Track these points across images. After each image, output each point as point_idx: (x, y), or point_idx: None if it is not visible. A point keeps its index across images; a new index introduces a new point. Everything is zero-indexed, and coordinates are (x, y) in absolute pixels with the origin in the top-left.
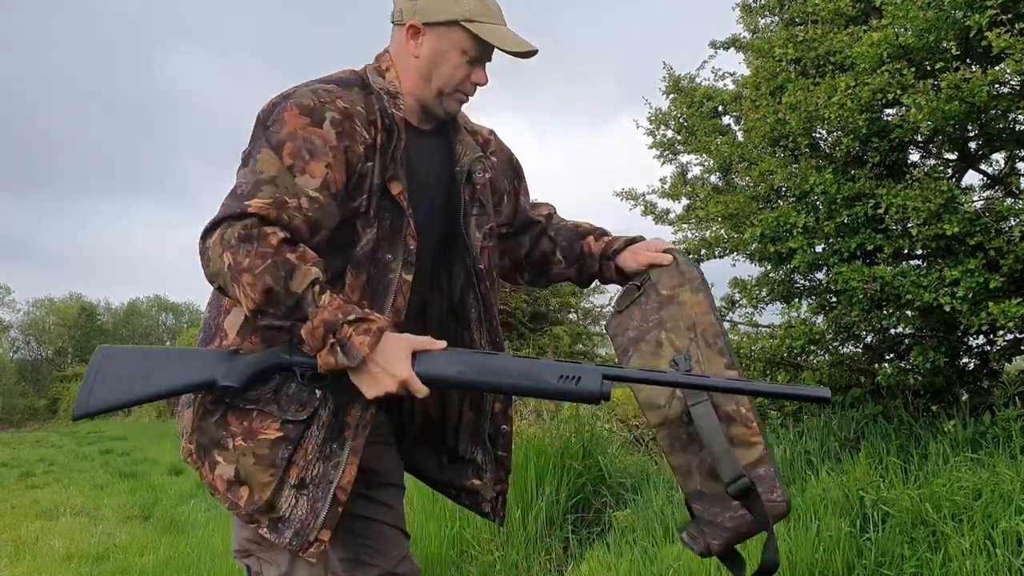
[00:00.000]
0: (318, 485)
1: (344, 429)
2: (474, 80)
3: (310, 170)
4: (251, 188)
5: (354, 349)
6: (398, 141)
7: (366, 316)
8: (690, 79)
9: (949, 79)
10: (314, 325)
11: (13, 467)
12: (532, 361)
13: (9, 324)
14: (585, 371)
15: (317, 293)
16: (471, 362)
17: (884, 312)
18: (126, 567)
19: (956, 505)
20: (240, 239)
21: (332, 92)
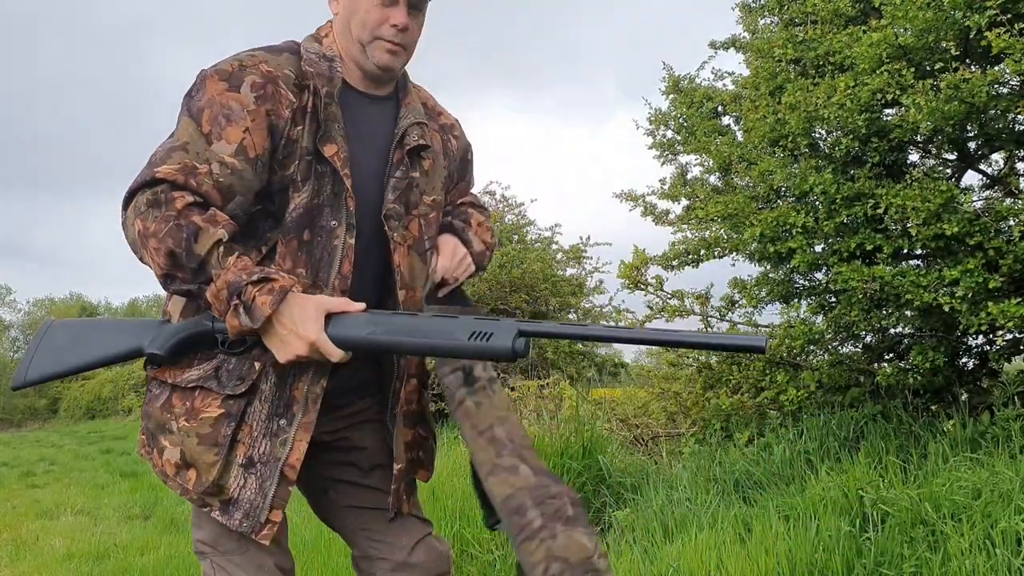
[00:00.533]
0: (265, 463)
1: (292, 404)
2: (391, 22)
3: (226, 135)
4: (163, 155)
5: (257, 310)
6: (329, 102)
7: (269, 276)
8: (690, 79)
9: (949, 79)
10: (218, 287)
11: (13, 467)
12: (446, 319)
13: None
14: (500, 327)
15: (222, 255)
16: (381, 322)
17: (884, 312)
18: (126, 567)
19: (955, 505)
20: (148, 204)
21: (256, 57)
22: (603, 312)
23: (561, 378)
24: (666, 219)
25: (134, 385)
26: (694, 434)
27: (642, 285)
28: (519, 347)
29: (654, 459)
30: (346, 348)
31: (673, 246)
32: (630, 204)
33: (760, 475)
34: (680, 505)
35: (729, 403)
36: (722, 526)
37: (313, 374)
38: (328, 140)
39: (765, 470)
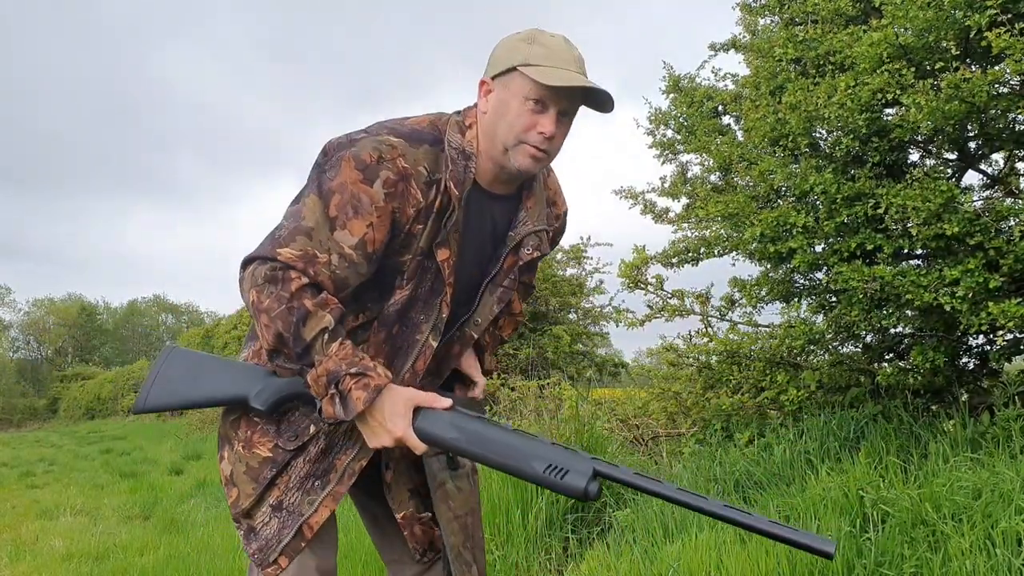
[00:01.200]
0: (291, 513)
1: (330, 471)
2: (539, 129)
3: (351, 227)
4: (288, 235)
5: (351, 403)
6: (455, 208)
7: (366, 371)
8: (690, 79)
9: (949, 79)
10: (318, 373)
11: (13, 467)
12: (527, 440)
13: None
14: (576, 466)
15: (326, 341)
16: (466, 429)
17: (884, 312)
18: (126, 567)
19: (956, 505)
20: (266, 279)
21: (396, 148)
22: (603, 312)
23: (561, 378)
24: (666, 217)
25: (134, 385)
26: (694, 434)
27: (642, 284)
28: (592, 490)
29: (654, 459)
30: (430, 444)
31: (673, 244)
32: (629, 201)
33: (760, 475)
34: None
35: (729, 403)
36: (722, 526)
37: (358, 451)
38: (443, 245)
39: (765, 470)
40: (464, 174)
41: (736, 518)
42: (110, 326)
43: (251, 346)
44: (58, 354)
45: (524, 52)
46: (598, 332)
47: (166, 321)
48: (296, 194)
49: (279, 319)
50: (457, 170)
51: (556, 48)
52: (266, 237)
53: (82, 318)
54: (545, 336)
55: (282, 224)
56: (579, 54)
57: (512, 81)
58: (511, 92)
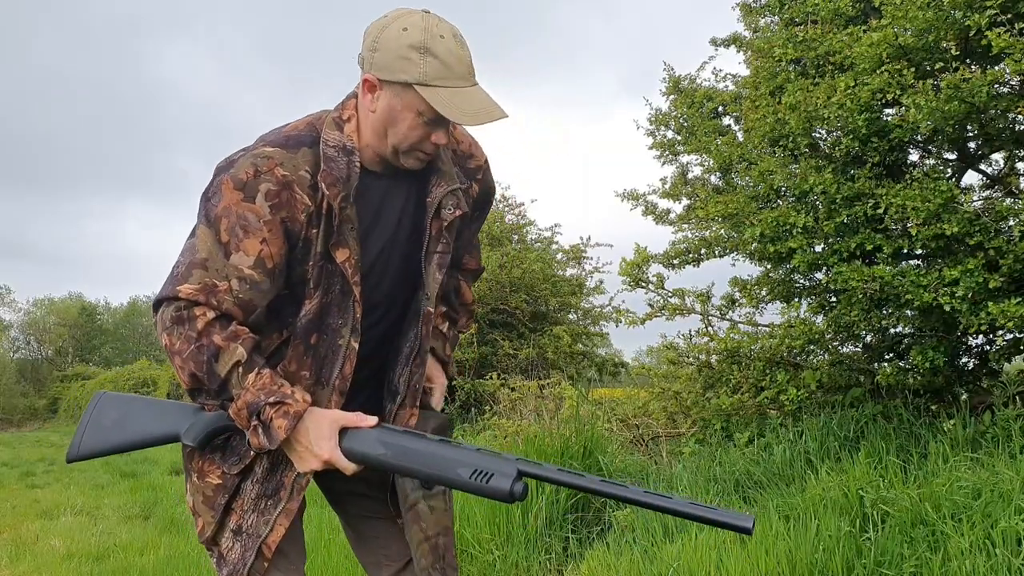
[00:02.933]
0: (250, 536)
1: (280, 489)
2: (434, 140)
3: (244, 247)
4: (185, 270)
5: (273, 432)
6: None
7: (284, 399)
8: (690, 80)
9: (949, 79)
10: (238, 407)
11: (13, 467)
12: (454, 449)
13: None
14: (501, 468)
15: (241, 375)
16: (392, 444)
17: (884, 312)
18: (126, 567)
19: (956, 505)
20: (173, 320)
21: (272, 159)
22: (603, 312)
23: (561, 378)
24: (667, 218)
25: (134, 385)
26: (694, 434)
27: (643, 283)
28: (517, 491)
29: (654, 459)
30: (357, 463)
31: (674, 245)
32: (631, 203)
33: (760, 475)
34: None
35: (729, 403)
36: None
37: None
38: (340, 245)
39: (765, 470)
40: (349, 169)
41: (656, 503)
42: (110, 326)
43: None
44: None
45: (419, 67)
46: (598, 332)
47: None
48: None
49: (191, 360)
50: (338, 167)
51: (450, 60)
52: (168, 277)
53: (82, 318)
54: (545, 336)
55: (179, 261)
56: (469, 57)
57: (406, 95)
58: (403, 104)
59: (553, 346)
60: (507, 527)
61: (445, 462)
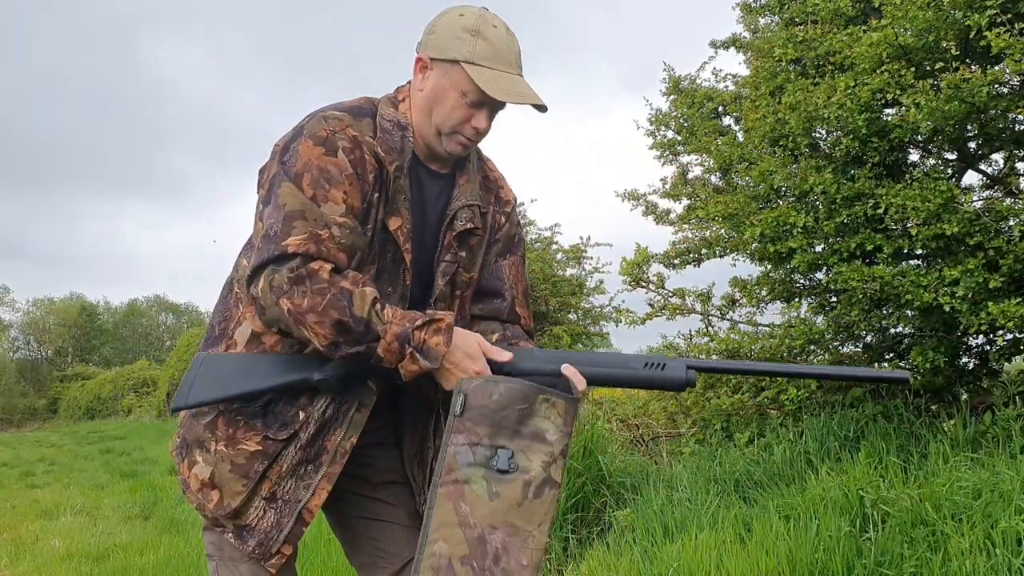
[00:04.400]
0: (287, 502)
1: (322, 453)
2: (474, 124)
3: (332, 197)
4: (283, 227)
5: (432, 351)
6: (399, 175)
7: (432, 317)
8: (691, 80)
9: (949, 79)
10: (387, 341)
11: (13, 467)
12: (617, 354)
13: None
14: (671, 361)
15: (380, 311)
16: (555, 358)
17: (884, 312)
18: (126, 567)
19: (956, 505)
20: (292, 282)
21: (342, 120)
22: (603, 312)
23: None
24: (667, 218)
25: (134, 385)
26: (694, 434)
27: (643, 283)
28: (691, 377)
29: (654, 459)
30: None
31: (674, 245)
32: (631, 203)
33: (760, 475)
34: (680, 505)
35: (729, 403)
36: (722, 526)
37: (347, 429)
38: (393, 213)
39: (765, 470)
40: (402, 143)
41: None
42: (110, 326)
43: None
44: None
45: (469, 46)
46: (598, 332)
47: (166, 321)
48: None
49: (331, 309)
50: (393, 139)
51: (500, 45)
52: (257, 248)
53: (82, 318)
54: (545, 336)
55: (269, 224)
56: (519, 48)
57: (453, 72)
58: (450, 82)
59: (553, 346)
60: None
61: (615, 361)
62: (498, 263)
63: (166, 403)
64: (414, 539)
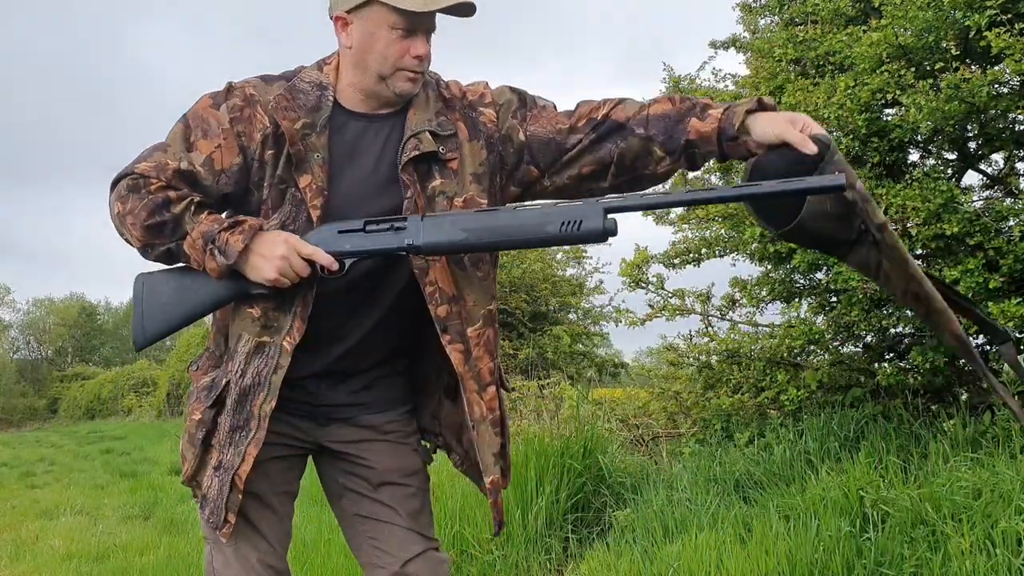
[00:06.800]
0: (226, 470)
1: (251, 419)
2: (413, 53)
3: (199, 147)
4: (147, 153)
5: (230, 248)
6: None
7: (238, 220)
8: (690, 80)
9: (949, 79)
10: (193, 237)
11: (13, 467)
12: (531, 211)
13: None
14: (587, 212)
15: (194, 212)
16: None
17: (884, 312)
18: (126, 567)
19: (956, 505)
20: (128, 189)
21: (249, 83)
22: (603, 312)
23: (561, 378)
24: (667, 219)
25: (134, 385)
26: (694, 434)
27: (643, 283)
28: (610, 227)
29: (654, 459)
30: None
31: (674, 245)
32: None
33: (760, 475)
34: (680, 505)
35: (729, 403)
36: (722, 526)
37: (267, 392)
38: (304, 172)
39: (765, 470)
40: (319, 101)
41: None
42: (110, 326)
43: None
44: (58, 354)
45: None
46: (598, 332)
47: None
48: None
49: (143, 210)
50: (307, 99)
51: None
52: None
53: (82, 318)
54: (545, 336)
55: (146, 148)
56: None
57: (372, 13)
58: (374, 23)
59: (553, 346)
60: (507, 527)
61: (531, 225)
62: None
63: (166, 403)
64: (413, 540)
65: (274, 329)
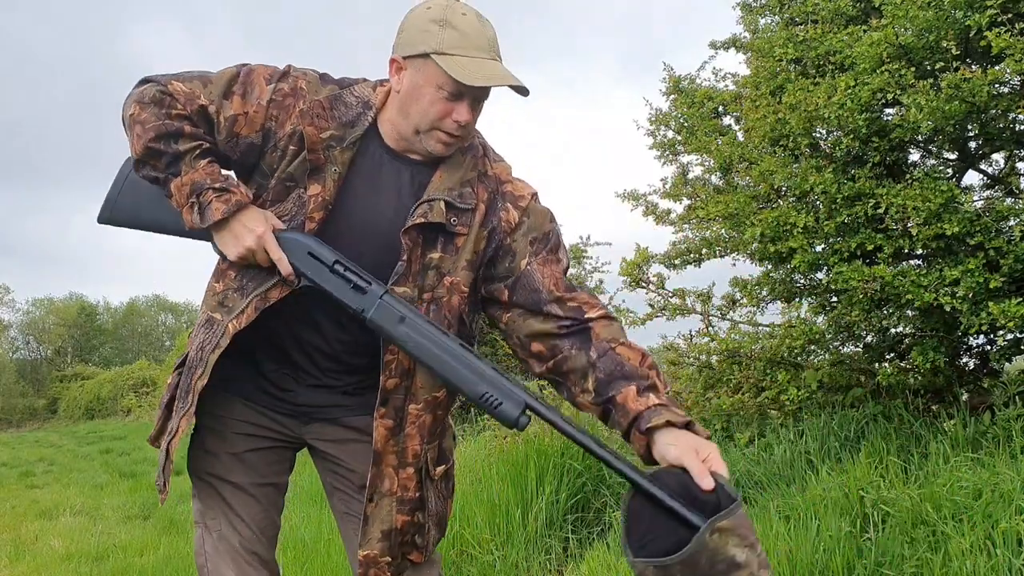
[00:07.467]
0: (167, 437)
1: (189, 392)
2: (455, 118)
3: (234, 102)
4: (190, 76)
5: (209, 212)
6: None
7: (230, 187)
8: (690, 80)
9: (949, 79)
10: (183, 182)
11: (13, 467)
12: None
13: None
14: (511, 398)
15: (195, 157)
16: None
17: (884, 312)
18: (126, 567)
19: (956, 505)
20: (152, 99)
21: (304, 75)
22: None
23: None
24: (667, 219)
25: (133, 385)
26: None
27: (643, 283)
28: (523, 421)
29: None
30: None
31: (674, 245)
32: (631, 203)
33: (761, 475)
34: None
35: (730, 403)
36: None
37: (203, 369)
38: (316, 180)
39: (766, 470)
40: (358, 119)
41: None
42: (110, 326)
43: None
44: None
45: (436, 37)
46: None
47: (165, 321)
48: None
49: (154, 130)
50: (346, 112)
51: (469, 31)
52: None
53: (81, 318)
54: None
55: (194, 71)
56: (492, 34)
57: (426, 67)
58: (424, 78)
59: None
60: (507, 527)
61: (465, 375)
62: (529, 268)
63: None
64: None
65: (227, 309)
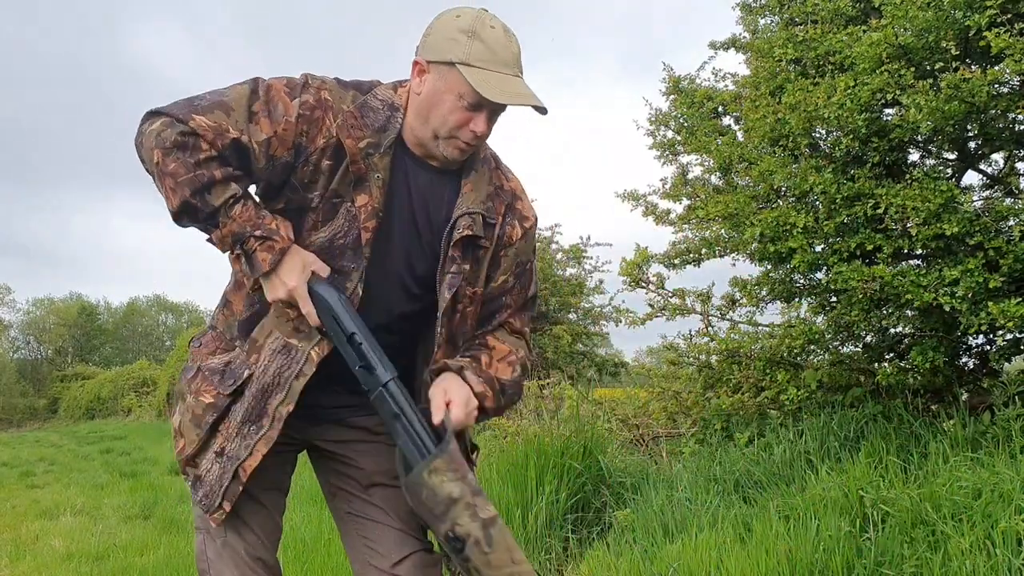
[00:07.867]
0: (230, 459)
1: (263, 416)
2: (472, 128)
3: (261, 125)
4: (208, 105)
5: (256, 263)
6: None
7: (271, 235)
8: (690, 80)
9: (949, 79)
10: (223, 233)
11: (13, 467)
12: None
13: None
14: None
15: (230, 206)
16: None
17: (884, 312)
18: (126, 567)
19: (956, 505)
20: (175, 144)
21: (324, 84)
22: (603, 312)
23: (561, 378)
24: (667, 219)
25: (134, 385)
26: (694, 434)
27: (643, 283)
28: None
29: (654, 459)
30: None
31: (674, 245)
32: (631, 204)
33: (760, 475)
34: (680, 505)
35: (729, 403)
36: (722, 526)
37: (285, 395)
38: (362, 190)
39: (765, 470)
40: (387, 122)
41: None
42: (110, 326)
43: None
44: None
45: (464, 47)
46: (598, 332)
47: (166, 321)
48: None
49: (187, 186)
50: (376, 117)
51: (496, 46)
52: (183, 99)
53: (82, 318)
54: (545, 336)
55: (204, 94)
56: (517, 49)
57: (450, 75)
58: (447, 85)
59: (553, 346)
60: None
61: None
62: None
63: (166, 403)
64: (405, 540)
65: (304, 335)
